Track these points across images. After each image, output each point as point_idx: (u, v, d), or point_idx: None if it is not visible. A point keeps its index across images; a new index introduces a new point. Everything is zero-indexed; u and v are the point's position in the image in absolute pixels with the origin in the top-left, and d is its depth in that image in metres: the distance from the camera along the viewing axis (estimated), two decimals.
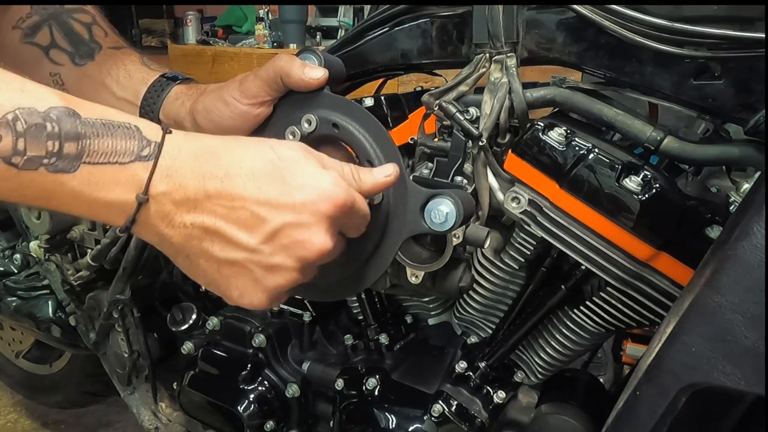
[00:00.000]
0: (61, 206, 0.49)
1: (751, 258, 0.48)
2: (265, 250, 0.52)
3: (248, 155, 0.53)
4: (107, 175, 0.47)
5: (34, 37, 0.77)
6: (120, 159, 0.47)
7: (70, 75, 0.77)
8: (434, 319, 1.05)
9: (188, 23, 4.05)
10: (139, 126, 0.49)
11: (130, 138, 0.48)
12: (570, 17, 0.74)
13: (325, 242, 0.53)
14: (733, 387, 0.50)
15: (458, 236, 0.71)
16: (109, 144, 0.47)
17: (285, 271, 0.54)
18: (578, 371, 1.04)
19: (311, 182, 0.53)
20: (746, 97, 0.67)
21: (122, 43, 0.80)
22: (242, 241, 0.52)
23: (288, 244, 0.52)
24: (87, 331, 1.34)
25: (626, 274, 0.77)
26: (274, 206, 0.51)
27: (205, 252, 0.53)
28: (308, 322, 1.09)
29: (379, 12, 0.86)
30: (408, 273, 0.77)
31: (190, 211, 0.51)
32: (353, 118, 0.65)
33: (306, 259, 0.54)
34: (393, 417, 0.94)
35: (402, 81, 1.75)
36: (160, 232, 0.52)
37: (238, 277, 0.54)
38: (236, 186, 0.51)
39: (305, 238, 0.52)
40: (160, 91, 0.74)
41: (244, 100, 0.67)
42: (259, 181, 0.51)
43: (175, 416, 1.29)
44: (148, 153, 0.49)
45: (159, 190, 0.49)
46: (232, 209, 0.51)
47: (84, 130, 0.46)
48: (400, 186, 0.61)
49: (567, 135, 0.76)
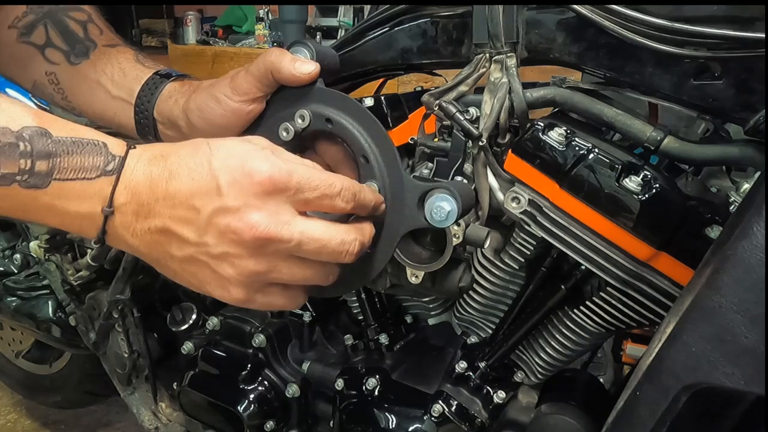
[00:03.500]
0: (36, 218, 0.52)
1: (751, 258, 0.48)
2: (209, 241, 0.52)
3: (187, 151, 0.53)
4: (76, 190, 0.50)
5: (29, 36, 0.77)
6: (87, 175, 0.50)
7: (65, 74, 0.77)
8: (434, 319, 1.05)
9: (188, 23, 4.05)
10: (106, 142, 0.51)
11: (97, 154, 0.50)
12: (570, 17, 0.74)
13: (258, 222, 0.51)
14: (733, 387, 0.50)
15: (458, 236, 0.71)
16: (78, 161, 0.49)
17: (234, 258, 0.52)
18: (578, 371, 1.04)
19: (232, 162, 0.51)
20: (746, 97, 0.67)
21: (118, 40, 0.80)
22: (188, 237, 0.52)
23: (224, 230, 0.51)
24: (87, 331, 1.34)
25: (626, 274, 0.77)
26: (203, 195, 0.51)
27: (168, 254, 0.54)
28: (308, 322, 1.09)
29: (379, 12, 0.86)
30: (408, 273, 0.77)
31: (146, 218, 0.52)
32: (347, 113, 0.63)
33: (247, 243, 0.51)
34: (393, 417, 0.94)
35: (402, 81, 1.75)
36: (127, 242, 0.54)
37: (201, 272, 0.54)
38: (177, 184, 0.52)
39: (234, 222, 0.51)
40: (153, 89, 0.74)
41: (236, 97, 0.66)
42: (194, 174, 0.52)
43: (175, 416, 1.29)
44: (112, 167, 0.51)
45: (120, 202, 0.52)
46: (174, 207, 0.52)
47: (54, 149, 0.48)
48: (396, 181, 0.61)
49: (567, 135, 0.76)
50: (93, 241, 0.53)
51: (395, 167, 0.61)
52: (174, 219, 0.52)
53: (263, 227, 0.51)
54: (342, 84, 0.93)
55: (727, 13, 0.66)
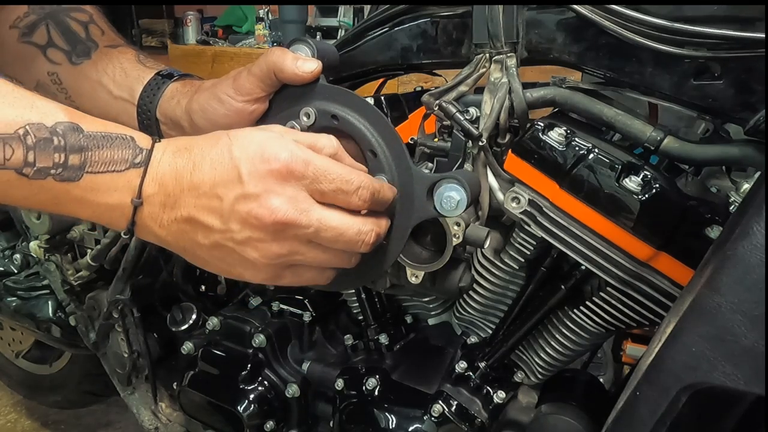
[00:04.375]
0: (68, 211, 0.54)
1: (751, 258, 0.48)
2: (233, 227, 0.54)
3: (209, 142, 0.55)
4: (107, 182, 0.53)
5: (31, 36, 0.77)
6: (117, 167, 0.53)
7: (67, 74, 0.77)
8: (434, 319, 1.05)
9: (188, 23, 4.05)
10: (133, 136, 0.54)
11: (126, 148, 0.53)
12: (570, 17, 0.74)
13: (278, 208, 0.53)
14: (733, 387, 0.50)
15: (458, 236, 0.71)
16: (108, 154, 0.52)
17: (258, 242, 0.54)
18: (578, 371, 1.04)
19: (252, 150, 0.54)
20: (746, 97, 0.67)
21: (119, 40, 0.80)
22: (213, 224, 0.54)
23: (245, 216, 0.53)
24: (87, 331, 1.34)
25: (626, 274, 0.77)
26: (225, 184, 0.53)
27: (195, 242, 0.56)
28: (308, 322, 1.09)
29: (379, 12, 0.86)
30: (408, 273, 0.77)
31: (173, 208, 0.55)
32: (352, 108, 0.64)
33: (269, 227, 0.53)
34: (393, 417, 0.94)
35: (402, 81, 1.75)
36: (155, 233, 0.56)
37: (228, 257, 0.56)
38: (201, 174, 0.54)
39: (255, 208, 0.53)
40: (156, 90, 0.74)
41: (239, 97, 0.67)
42: (216, 164, 0.54)
43: (175, 416, 1.29)
44: (140, 160, 0.54)
45: (149, 193, 0.54)
46: (199, 197, 0.54)
47: (86, 143, 0.51)
48: (405, 174, 0.61)
49: (567, 135, 0.76)
50: (122, 232, 0.55)
51: (403, 160, 0.62)
52: (199, 208, 0.54)
53: (283, 212, 0.53)
54: (342, 84, 0.93)
55: (727, 13, 0.66)
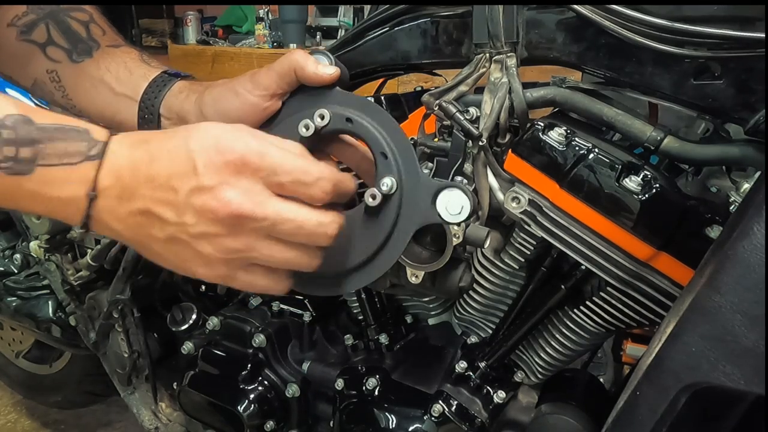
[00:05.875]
0: (21, 206, 0.53)
1: (751, 258, 0.48)
2: (188, 221, 0.53)
3: (167, 135, 0.55)
4: (60, 176, 0.51)
5: (30, 34, 0.77)
6: (71, 160, 0.51)
7: (67, 71, 0.77)
8: (434, 319, 1.05)
9: (188, 23, 4.05)
10: (88, 129, 0.53)
11: (80, 140, 0.52)
12: (570, 17, 0.74)
13: (233, 200, 0.52)
14: (733, 387, 0.50)
15: (458, 236, 0.71)
16: (61, 147, 0.51)
17: (213, 236, 0.53)
18: (578, 371, 1.04)
19: (207, 143, 0.53)
20: (746, 97, 0.67)
21: (121, 41, 0.80)
22: (168, 217, 0.54)
23: (200, 209, 0.53)
24: (87, 331, 1.34)
25: (626, 274, 0.77)
26: (181, 176, 0.53)
27: (150, 236, 0.55)
28: (308, 322, 1.09)
29: (379, 12, 0.86)
30: (408, 273, 0.77)
31: (129, 201, 0.54)
32: (366, 113, 0.65)
33: (224, 221, 0.53)
34: (393, 417, 0.94)
35: (402, 81, 1.75)
36: (111, 227, 0.55)
37: (183, 251, 0.55)
38: (157, 166, 0.53)
39: (209, 200, 0.52)
40: (162, 86, 0.74)
41: (256, 91, 0.67)
42: (172, 156, 0.53)
43: (175, 416, 1.29)
44: (96, 152, 0.52)
45: (104, 185, 0.53)
46: (155, 189, 0.53)
47: (38, 135, 0.50)
48: (412, 177, 0.62)
49: (567, 135, 0.76)
50: (77, 227, 0.54)
51: (412, 165, 0.63)
52: (155, 200, 0.53)
53: (236, 204, 0.52)
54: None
55: (727, 13, 0.66)
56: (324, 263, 0.60)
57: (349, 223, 0.62)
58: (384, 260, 0.64)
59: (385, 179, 0.62)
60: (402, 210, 0.62)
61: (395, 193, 0.62)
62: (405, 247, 0.63)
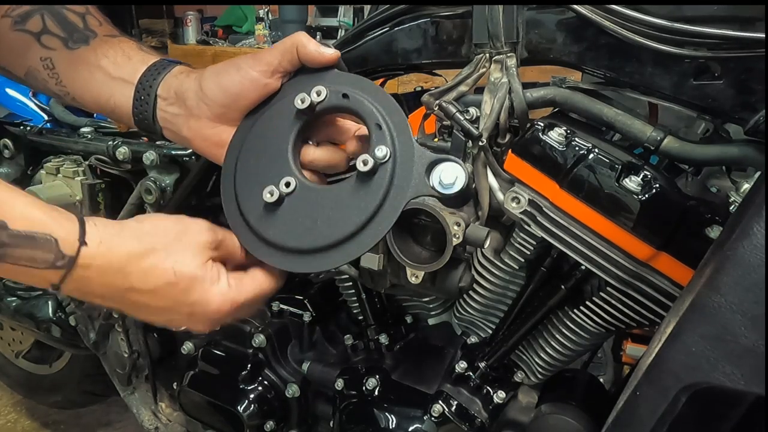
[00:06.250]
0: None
1: (751, 258, 0.48)
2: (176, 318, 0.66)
3: (153, 274, 0.61)
4: (25, 271, 0.57)
5: (24, 24, 0.77)
6: (36, 265, 0.56)
7: (62, 58, 0.77)
8: (434, 319, 1.05)
9: (188, 23, 4.06)
10: (57, 239, 0.56)
11: (48, 251, 0.55)
12: (570, 17, 0.74)
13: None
14: (733, 387, 0.50)
15: (458, 236, 0.71)
16: (28, 254, 0.55)
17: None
18: (578, 371, 1.04)
19: (201, 306, 0.63)
20: (746, 97, 0.67)
21: (116, 32, 0.80)
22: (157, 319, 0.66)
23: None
24: (87, 331, 1.34)
25: (626, 274, 0.77)
26: (168, 314, 0.64)
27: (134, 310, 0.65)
28: (308, 322, 1.09)
29: (379, 12, 0.86)
30: (408, 273, 0.77)
31: (102, 301, 0.62)
32: (363, 90, 0.66)
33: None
34: (393, 417, 0.94)
35: (402, 81, 1.75)
36: (84, 298, 0.64)
37: (173, 323, 0.66)
38: (137, 299, 0.62)
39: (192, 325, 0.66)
40: (161, 69, 0.75)
41: (257, 66, 0.69)
42: (157, 297, 0.62)
43: (175, 416, 1.29)
44: (62, 264, 0.56)
45: (70, 288, 0.59)
46: (135, 309, 0.64)
47: (8, 241, 0.54)
48: (407, 149, 0.62)
49: (567, 135, 0.76)
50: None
51: (407, 137, 0.64)
52: (134, 313, 0.65)
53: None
54: None
55: (727, 13, 0.66)
56: (314, 236, 0.61)
57: (339, 193, 0.62)
58: (374, 232, 0.63)
59: (380, 146, 0.62)
60: (395, 181, 0.62)
61: (388, 162, 0.62)
62: (395, 220, 0.62)
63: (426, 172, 0.61)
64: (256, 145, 0.68)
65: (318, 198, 0.64)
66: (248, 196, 0.66)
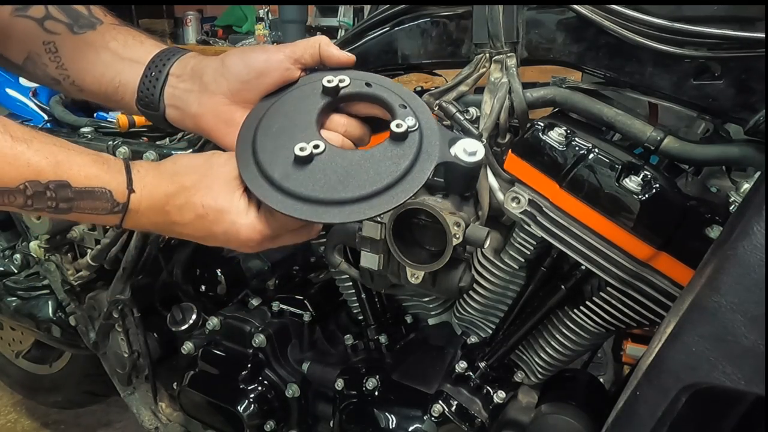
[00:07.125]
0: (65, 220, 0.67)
1: (751, 258, 0.48)
2: None
3: (186, 209, 0.67)
4: (92, 217, 0.67)
5: (26, 11, 0.77)
6: (98, 212, 0.65)
7: (65, 42, 0.77)
8: (434, 319, 1.05)
9: (188, 23, 4.06)
10: (111, 191, 0.65)
11: (105, 201, 0.65)
12: (570, 17, 0.74)
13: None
14: (733, 387, 0.50)
15: (458, 236, 0.71)
16: (90, 205, 0.65)
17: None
18: (578, 371, 1.04)
19: (232, 235, 0.68)
20: (746, 97, 0.67)
21: (122, 22, 0.81)
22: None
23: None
24: (87, 331, 1.33)
25: (626, 274, 0.77)
26: (210, 240, 0.70)
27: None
28: (308, 322, 1.09)
29: (379, 12, 0.86)
30: (408, 273, 0.77)
31: (159, 232, 0.71)
32: (383, 82, 0.70)
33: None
34: (393, 417, 0.94)
35: (402, 81, 1.75)
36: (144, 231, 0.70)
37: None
38: (180, 230, 0.69)
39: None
40: (176, 52, 0.77)
41: (283, 49, 0.72)
42: (194, 228, 0.68)
43: (175, 416, 1.29)
44: (118, 209, 0.66)
45: (129, 225, 0.68)
46: (184, 238, 0.71)
47: (73, 196, 0.63)
48: (430, 124, 0.66)
49: (567, 135, 0.76)
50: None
51: (429, 118, 0.67)
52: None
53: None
54: None
55: (727, 13, 0.66)
56: (344, 189, 0.63)
57: (372, 154, 0.65)
58: (405, 188, 0.65)
59: (408, 118, 0.65)
60: (423, 147, 0.65)
61: (416, 131, 0.65)
62: (425, 180, 0.64)
63: (449, 146, 0.65)
64: (278, 117, 0.70)
65: (348, 158, 0.66)
66: (272, 157, 0.67)
